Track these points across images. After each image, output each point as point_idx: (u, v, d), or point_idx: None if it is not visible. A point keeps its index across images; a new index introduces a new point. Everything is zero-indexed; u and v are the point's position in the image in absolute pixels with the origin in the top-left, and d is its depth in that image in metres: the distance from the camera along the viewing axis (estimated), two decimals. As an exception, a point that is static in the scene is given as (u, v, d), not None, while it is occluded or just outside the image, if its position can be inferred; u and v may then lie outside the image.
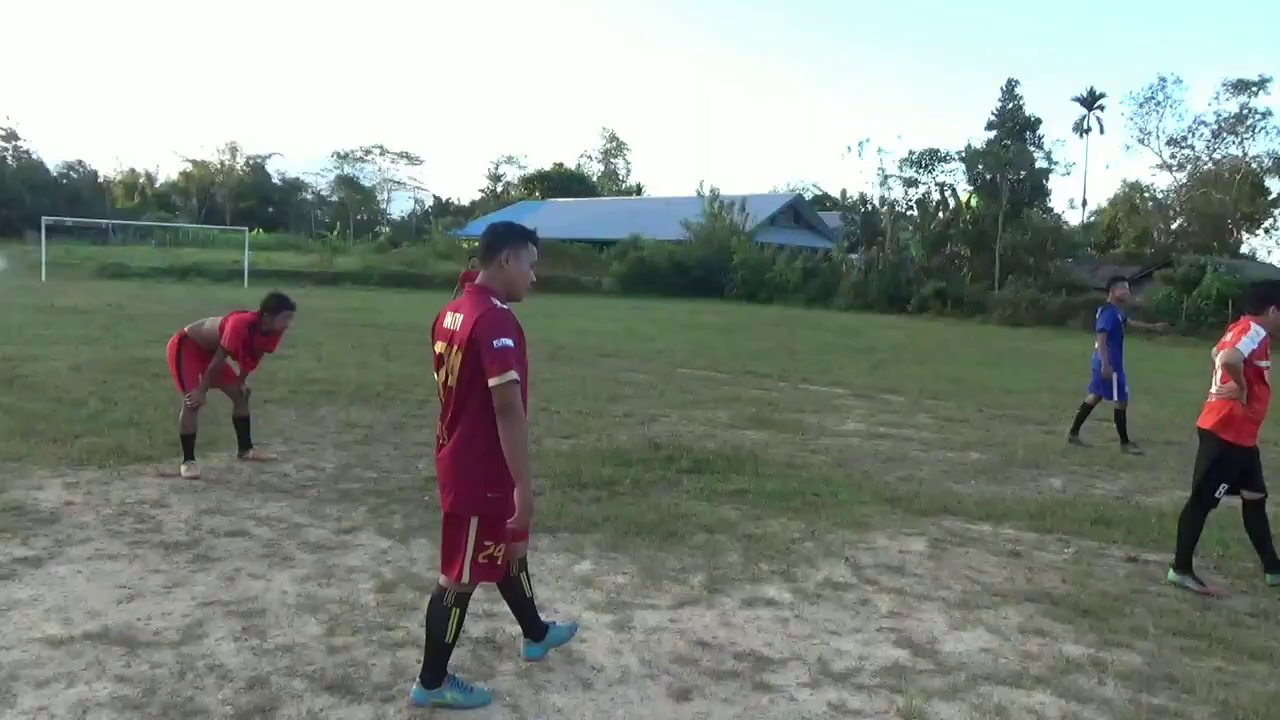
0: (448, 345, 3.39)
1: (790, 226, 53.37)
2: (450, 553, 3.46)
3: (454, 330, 3.37)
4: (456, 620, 3.50)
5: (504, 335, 3.23)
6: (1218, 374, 5.59)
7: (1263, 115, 44.03)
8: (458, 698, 3.54)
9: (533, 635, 3.97)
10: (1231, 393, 5.44)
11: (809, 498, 6.92)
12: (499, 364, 3.19)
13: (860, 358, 18.07)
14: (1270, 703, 3.87)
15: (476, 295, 3.42)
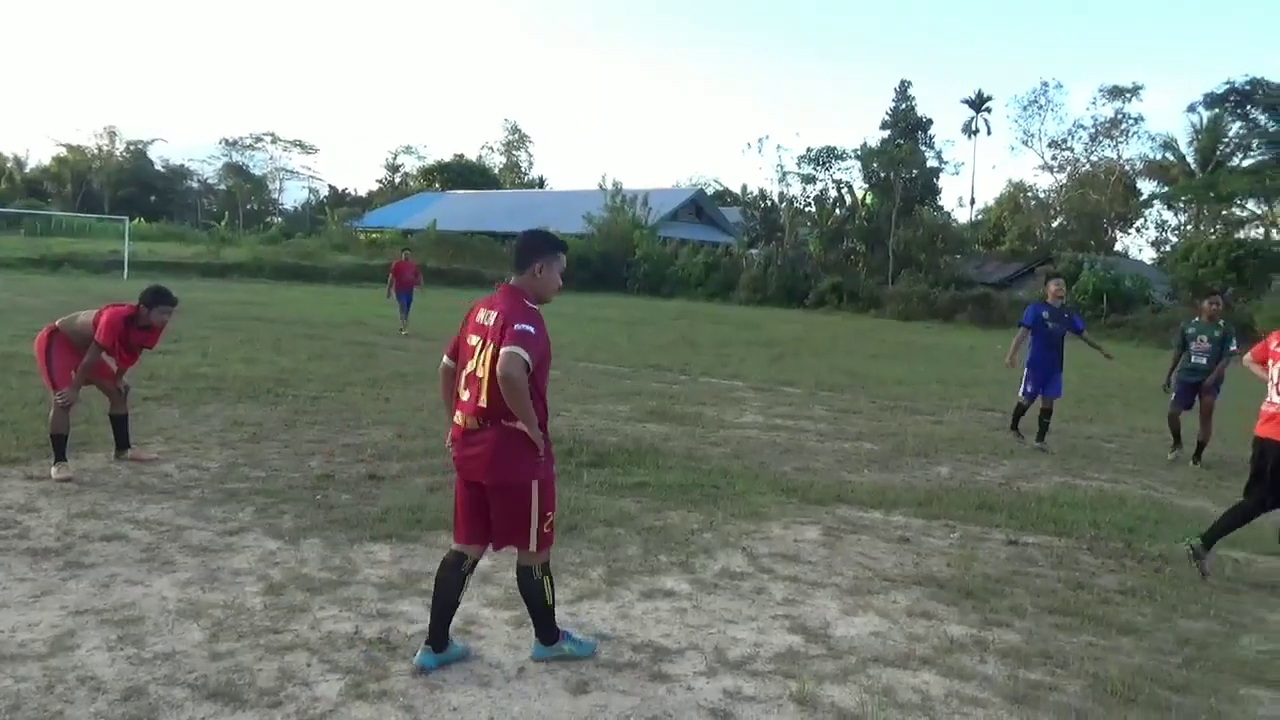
0: (481, 339, 3.71)
1: (692, 221, 53.87)
2: (512, 529, 3.77)
3: (488, 326, 3.70)
4: (550, 585, 3.93)
5: (528, 323, 3.62)
6: (1273, 383, 5.68)
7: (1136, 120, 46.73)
8: (573, 648, 4.01)
9: (435, 644, 3.86)
10: None
11: (708, 489, 7.00)
12: (516, 340, 3.56)
13: (759, 351, 18.39)
14: (1136, 674, 4.11)
15: (511, 295, 3.76)
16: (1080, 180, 48.08)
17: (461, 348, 3.83)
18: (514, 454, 3.68)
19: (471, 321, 3.82)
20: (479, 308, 3.83)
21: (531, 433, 3.64)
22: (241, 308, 21.51)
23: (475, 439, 3.71)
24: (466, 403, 3.74)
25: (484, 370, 3.65)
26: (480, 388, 3.67)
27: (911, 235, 39.56)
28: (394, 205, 65.38)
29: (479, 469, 3.71)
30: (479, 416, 3.69)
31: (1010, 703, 3.81)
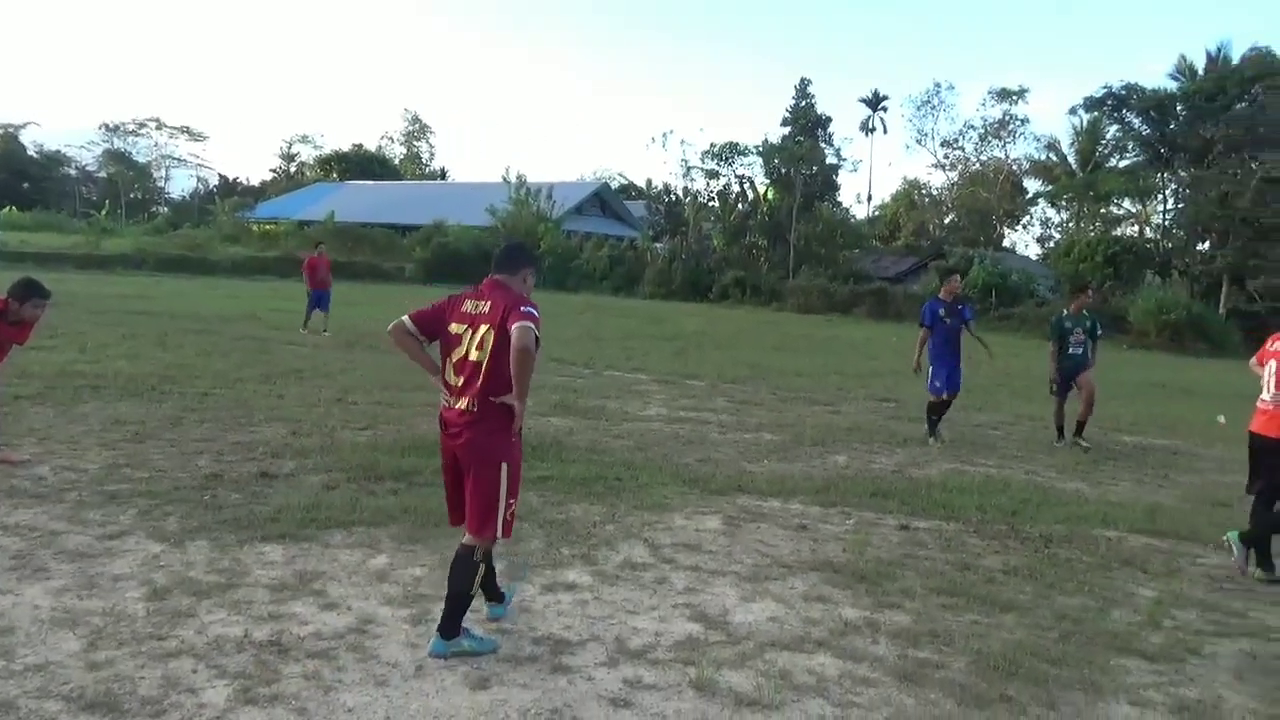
0: (471, 327, 3.95)
1: (597, 215, 53.85)
2: (485, 511, 3.92)
3: (481, 314, 3.95)
4: (481, 574, 4.02)
5: (532, 306, 3.92)
6: (1273, 380, 5.92)
7: (1022, 122, 48.76)
8: (473, 645, 4.00)
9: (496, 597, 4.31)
10: None
11: (611, 482, 7.02)
12: (527, 318, 3.81)
13: (663, 344, 18.52)
14: (1017, 649, 4.30)
15: (504, 289, 4.04)
16: (971, 178, 49.99)
17: (445, 337, 4.04)
18: (494, 431, 3.92)
19: (456, 312, 4.04)
20: (464, 299, 4.06)
21: (520, 406, 3.90)
22: (124, 301, 20.49)
23: (469, 420, 3.92)
24: (461, 387, 3.95)
25: (479, 353, 3.89)
26: (478, 370, 3.90)
27: (812, 230, 40.45)
28: (289, 196, 63.31)
29: (467, 448, 3.94)
30: (474, 398, 3.91)
31: (900, 681, 3.94)
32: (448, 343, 4.03)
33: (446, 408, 4.03)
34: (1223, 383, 19.57)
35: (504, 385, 3.87)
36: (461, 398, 3.94)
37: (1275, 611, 5.17)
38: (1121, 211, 44.52)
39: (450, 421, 4.00)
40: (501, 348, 3.85)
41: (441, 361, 4.08)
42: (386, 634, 4.14)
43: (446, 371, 4.04)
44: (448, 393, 4.02)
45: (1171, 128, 36.87)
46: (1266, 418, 5.93)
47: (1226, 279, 32.86)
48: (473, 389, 3.90)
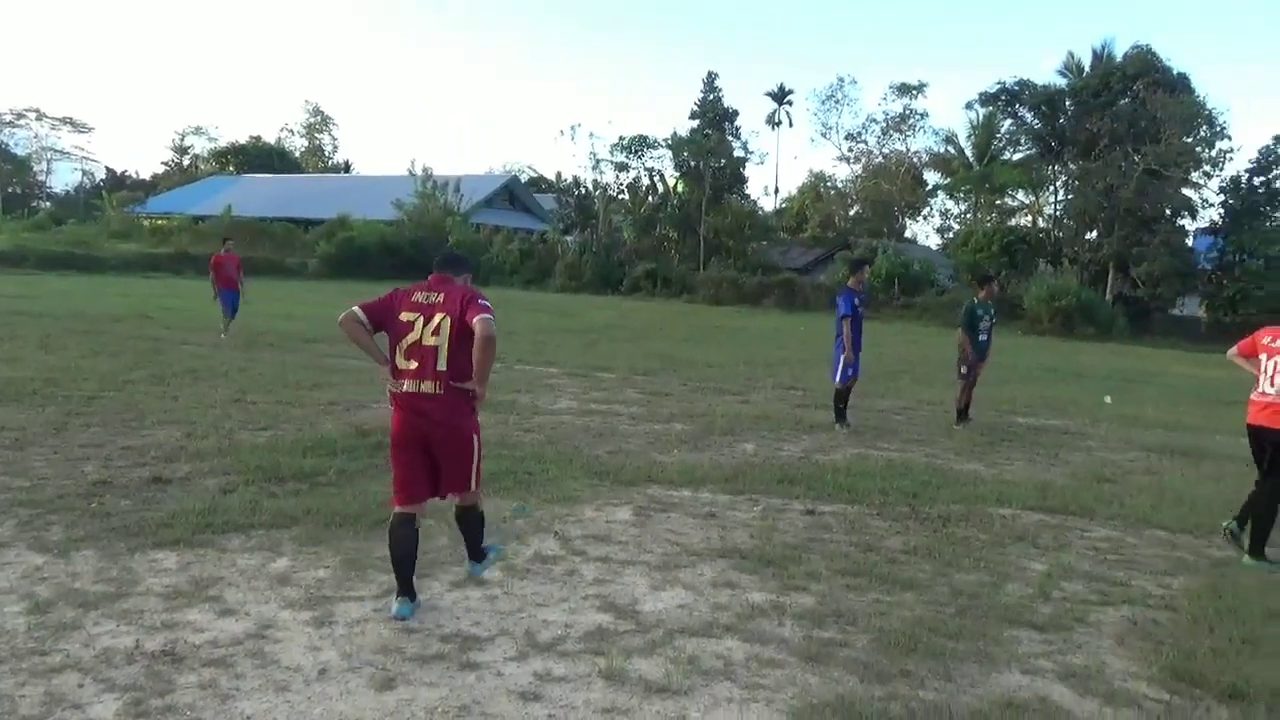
0: (424, 315, 4.30)
1: (506, 208, 53.36)
2: (461, 473, 4.42)
3: (435, 304, 4.32)
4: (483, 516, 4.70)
5: (485, 299, 4.32)
6: (1276, 375, 6.00)
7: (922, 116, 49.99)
8: (496, 555, 4.85)
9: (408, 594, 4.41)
10: None
11: (521, 476, 6.98)
12: (487, 310, 4.24)
13: (574, 337, 18.48)
14: (916, 625, 4.45)
15: (451, 283, 4.45)
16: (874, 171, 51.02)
17: (395, 325, 4.34)
18: (462, 411, 4.37)
19: (406, 302, 4.36)
20: (414, 291, 4.41)
21: (482, 389, 4.34)
22: (2, 301, 19.40)
23: (432, 400, 4.27)
24: (418, 370, 4.28)
25: (436, 339, 4.26)
26: (436, 355, 4.26)
27: (721, 222, 40.89)
28: (182, 189, 60.85)
29: (434, 425, 4.31)
30: (437, 380, 4.27)
31: (805, 661, 4.03)
32: (398, 330, 4.33)
33: (405, 392, 4.31)
34: (1109, 365, 20.59)
35: (463, 369, 4.26)
36: (421, 380, 4.27)
37: (1154, 579, 5.47)
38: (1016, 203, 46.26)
39: (417, 405, 4.29)
40: (461, 335, 4.25)
41: (390, 348, 4.36)
42: (288, 638, 4.03)
43: (396, 357, 4.33)
44: (398, 376, 4.32)
45: (1061, 122, 38.46)
46: (1267, 411, 6.04)
47: (1112, 266, 34.51)
48: (431, 372, 4.26)
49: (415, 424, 4.33)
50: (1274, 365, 6.03)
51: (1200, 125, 34.21)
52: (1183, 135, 33.27)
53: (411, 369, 4.28)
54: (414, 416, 4.32)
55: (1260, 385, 6.12)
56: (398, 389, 4.33)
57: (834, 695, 3.70)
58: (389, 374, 4.37)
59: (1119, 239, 33.73)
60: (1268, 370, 6.07)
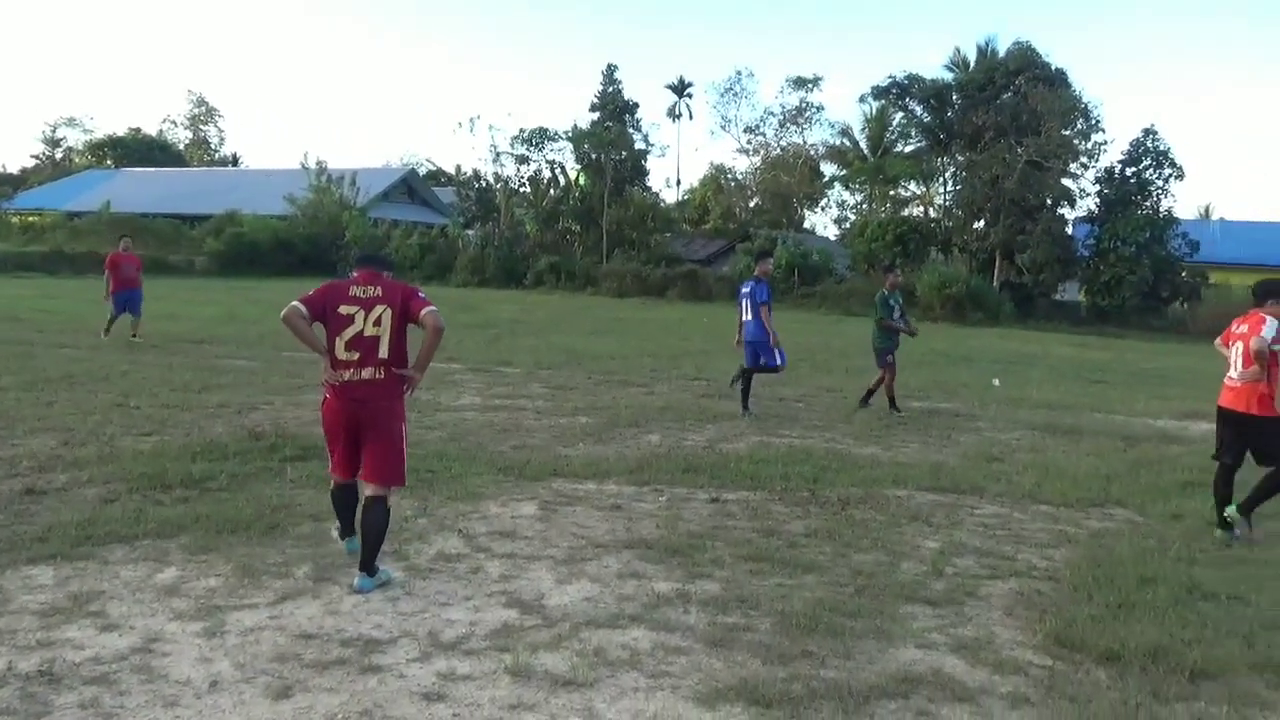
0: (364, 308, 4.62)
1: (405, 202, 52.27)
2: (390, 466, 4.71)
3: (374, 297, 4.65)
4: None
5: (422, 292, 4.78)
6: (1238, 360, 6.27)
7: (818, 109, 51.04)
8: (385, 575, 4.73)
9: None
10: (1255, 375, 6.13)
11: (423, 474, 6.85)
12: (430, 303, 4.69)
13: (477, 333, 18.25)
14: (817, 606, 4.55)
15: (380, 276, 4.78)
16: (772, 163, 51.86)
17: (335, 318, 4.62)
18: (396, 396, 4.73)
19: (344, 296, 4.66)
20: (349, 285, 4.71)
21: (421, 375, 4.76)
22: None
23: (374, 386, 4.62)
24: (360, 360, 4.60)
25: (377, 329, 4.59)
26: (377, 344, 4.60)
27: (623, 215, 40.92)
28: (55, 184, 57.61)
29: (374, 412, 4.64)
30: (379, 367, 4.62)
31: (710, 647, 4.08)
32: (338, 323, 4.62)
33: (346, 381, 4.61)
34: (997, 349, 21.45)
35: (402, 357, 4.69)
36: (363, 368, 4.61)
37: (1038, 552, 5.73)
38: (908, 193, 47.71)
39: (356, 393, 4.62)
40: (401, 326, 4.65)
41: (329, 340, 4.63)
42: (177, 651, 3.87)
43: (336, 348, 4.61)
44: (338, 367, 4.61)
45: (949, 115, 39.76)
46: (1234, 394, 6.34)
47: (999, 254, 35.93)
48: (373, 360, 4.60)
49: (351, 410, 4.64)
50: (1235, 351, 6.33)
51: (1077, 119, 35.85)
52: (1061, 128, 34.77)
53: (354, 359, 4.60)
54: (351, 404, 4.63)
55: (1229, 370, 6.43)
56: (337, 380, 4.62)
57: (738, 679, 3.76)
58: (328, 365, 4.64)
59: (1004, 228, 35.13)
60: (1231, 356, 6.40)
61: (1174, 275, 33.96)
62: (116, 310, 14.62)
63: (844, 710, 3.53)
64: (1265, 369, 6.09)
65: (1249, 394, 6.20)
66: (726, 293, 35.35)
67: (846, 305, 32.17)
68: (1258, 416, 6.17)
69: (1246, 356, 6.17)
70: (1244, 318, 6.44)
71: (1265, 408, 6.15)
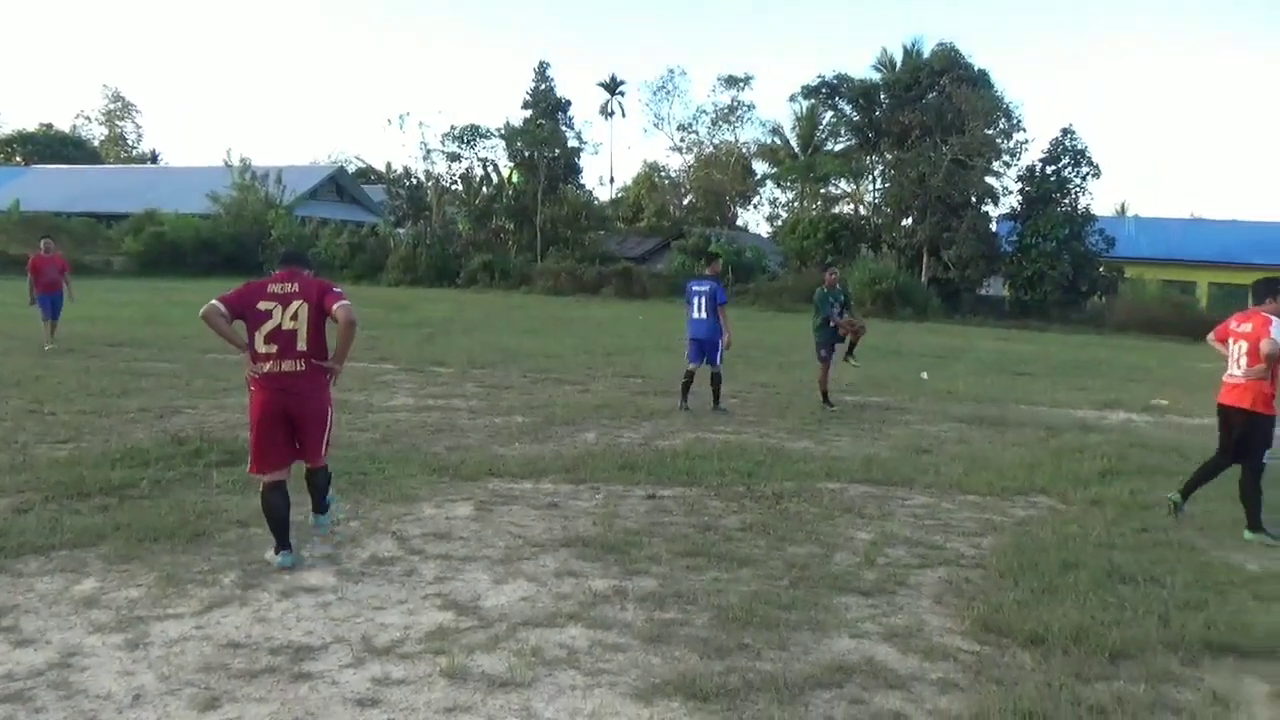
0: (281, 304, 4.88)
1: (333, 200, 51.28)
2: (318, 443, 5.10)
3: (291, 293, 4.91)
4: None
5: (338, 288, 5.06)
6: (1241, 358, 6.32)
7: (749, 108, 51.47)
8: (336, 510, 5.60)
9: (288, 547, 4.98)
10: (1260, 373, 6.21)
11: (355, 477, 6.74)
12: (343, 298, 4.96)
13: (410, 332, 18.00)
14: (753, 599, 4.60)
15: (302, 274, 5.06)
16: (705, 161, 52.12)
17: (254, 314, 4.88)
18: (321, 385, 5.04)
19: (263, 293, 4.91)
20: (267, 283, 4.97)
21: (340, 366, 5.08)
22: None
23: (295, 377, 4.90)
24: (278, 353, 4.86)
25: (295, 324, 4.86)
26: (295, 337, 4.87)
27: (557, 213, 40.78)
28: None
29: (300, 401, 4.94)
30: (300, 359, 4.90)
31: (647, 643, 4.09)
32: (257, 319, 4.88)
33: (267, 373, 4.87)
34: (925, 343, 21.94)
35: (320, 349, 4.97)
36: (282, 360, 4.87)
37: (966, 540, 5.88)
38: (838, 191, 48.41)
39: (281, 383, 4.88)
40: (318, 320, 4.92)
41: (249, 334, 4.88)
42: (97, 665, 3.73)
43: (256, 343, 4.87)
44: (258, 360, 4.87)
45: (877, 115, 40.51)
46: (1238, 391, 6.41)
47: (926, 250, 36.74)
48: (292, 353, 4.87)
49: (278, 399, 4.89)
50: (1239, 349, 6.41)
51: (999, 118, 36.85)
52: (984, 127, 35.72)
53: (272, 352, 4.86)
54: (278, 394, 4.88)
55: (1229, 368, 6.52)
56: (258, 371, 4.88)
57: (675, 674, 3.78)
58: (249, 359, 4.89)
59: (931, 225, 35.93)
60: (1233, 353, 6.47)
61: (1092, 270, 35.14)
62: (47, 314, 13.83)
63: (779, 701, 3.58)
64: (1270, 368, 6.20)
65: (1254, 392, 6.30)
66: (662, 290, 35.49)
67: (780, 302, 32.57)
68: (1253, 413, 6.31)
69: (1253, 354, 6.26)
70: (1245, 315, 6.51)
71: (1267, 406, 6.28)
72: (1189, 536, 6.16)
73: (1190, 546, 5.91)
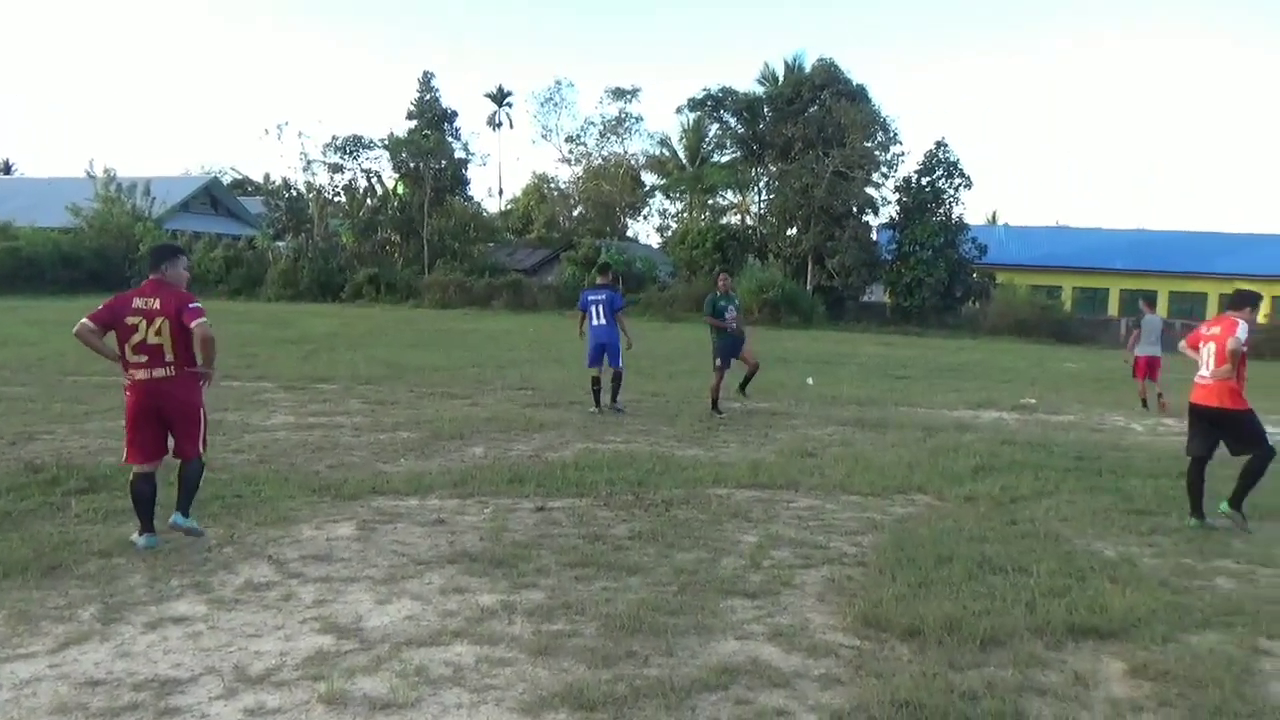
0: (146, 319, 5.28)
1: (207, 212, 49.22)
2: (191, 439, 5.48)
3: (153, 309, 5.29)
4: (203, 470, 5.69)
5: (197, 304, 5.39)
6: (1210, 359, 6.74)
7: (637, 119, 51.92)
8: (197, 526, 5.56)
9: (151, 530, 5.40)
10: (1226, 373, 6.60)
11: (229, 500, 6.46)
12: (200, 315, 5.31)
13: (290, 349, 17.40)
14: (641, 606, 4.60)
15: (164, 286, 5.41)
16: (594, 172, 52.32)
17: (122, 328, 5.30)
18: (191, 389, 5.45)
19: (128, 308, 5.30)
20: (132, 297, 5.36)
21: (210, 370, 5.47)
22: None
23: (167, 383, 5.35)
24: (148, 363, 5.31)
25: (159, 338, 5.28)
26: (162, 349, 5.29)
27: (445, 224, 40.22)
28: None
29: (171, 403, 5.38)
30: (169, 367, 5.33)
31: (535, 656, 4.04)
32: (125, 332, 5.29)
33: (138, 380, 5.32)
34: (811, 350, 22.54)
35: (190, 357, 5.36)
36: (153, 369, 5.31)
37: (848, 539, 6.04)
38: (726, 202, 49.36)
39: (152, 389, 5.33)
40: (179, 334, 5.29)
41: (120, 346, 5.31)
42: (-65, 713, 3.45)
43: (127, 353, 5.31)
44: (130, 369, 5.33)
45: (761, 127, 41.47)
46: (1206, 391, 6.82)
47: (810, 259, 37.77)
48: (160, 363, 5.30)
49: (150, 403, 5.34)
50: (1208, 350, 6.84)
51: (877, 131, 38.24)
52: (863, 140, 37.02)
53: (142, 362, 5.29)
54: (149, 398, 5.33)
55: (1200, 369, 6.93)
56: (132, 379, 5.33)
57: (563, 685, 3.75)
58: (121, 368, 5.36)
59: (815, 234, 36.98)
60: (1203, 355, 6.89)
61: (966, 276, 36.82)
62: None
63: (667, 707, 3.59)
64: (1235, 367, 6.65)
65: (1220, 390, 6.72)
66: (553, 302, 35.39)
67: (670, 312, 32.92)
68: (1229, 410, 6.72)
69: (1220, 355, 6.70)
70: (1214, 320, 7.03)
71: (1236, 401, 6.71)
72: (1054, 527, 6.49)
73: (1055, 536, 6.23)
